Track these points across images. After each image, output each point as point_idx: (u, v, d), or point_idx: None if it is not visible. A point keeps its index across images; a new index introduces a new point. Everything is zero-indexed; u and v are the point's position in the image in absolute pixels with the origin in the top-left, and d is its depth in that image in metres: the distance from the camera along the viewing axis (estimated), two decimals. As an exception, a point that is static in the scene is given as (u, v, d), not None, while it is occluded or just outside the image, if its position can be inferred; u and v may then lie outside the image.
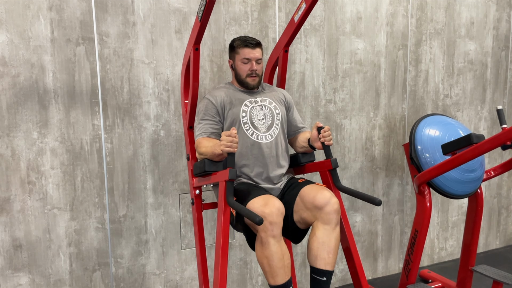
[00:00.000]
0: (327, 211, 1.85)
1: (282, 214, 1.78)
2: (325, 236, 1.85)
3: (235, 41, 2.14)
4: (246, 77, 2.11)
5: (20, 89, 2.16)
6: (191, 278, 2.64)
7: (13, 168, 2.18)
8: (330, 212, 1.85)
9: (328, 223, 1.86)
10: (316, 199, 1.87)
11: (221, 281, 1.76)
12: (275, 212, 1.75)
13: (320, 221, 1.87)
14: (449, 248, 3.52)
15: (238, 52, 2.11)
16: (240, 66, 2.11)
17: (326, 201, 1.85)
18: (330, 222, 1.86)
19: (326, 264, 1.84)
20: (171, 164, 2.51)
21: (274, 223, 1.74)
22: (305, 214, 1.92)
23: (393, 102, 3.10)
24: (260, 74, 2.14)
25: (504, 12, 3.44)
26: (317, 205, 1.86)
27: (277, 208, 1.76)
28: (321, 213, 1.86)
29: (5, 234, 2.20)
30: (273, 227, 1.74)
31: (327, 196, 1.86)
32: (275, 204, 1.77)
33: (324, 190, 1.90)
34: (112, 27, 2.30)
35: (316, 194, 1.88)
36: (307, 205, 1.90)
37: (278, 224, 1.76)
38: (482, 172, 2.51)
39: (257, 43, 2.11)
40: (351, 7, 2.87)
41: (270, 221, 1.73)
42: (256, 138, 2.06)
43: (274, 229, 1.75)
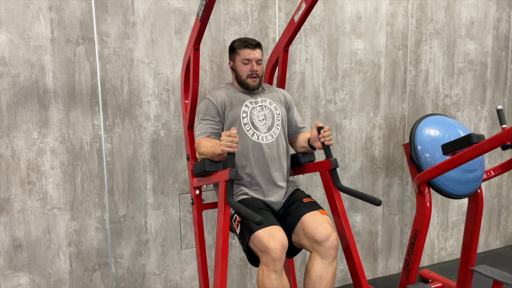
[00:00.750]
0: (326, 246, 1.88)
1: (285, 250, 1.82)
2: (323, 270, 1.89)
3: (235, 43, 2.14)
4: (247, 78, 2.11)
5: (20, 89, 2.16)
6: (191, 278, 2.64)
7: (13, 168, 2.18)
8: (329, 248, 1.89)
9: (326, 258, 1.90)
10: (317, 233, 1.89)
11: (221, 281, 1.76)
12: (279, 249, 1.78)
13: (318, 254, 1.91)
14: (449, 248, 3.52)
15: (238, 53, 2.11)
16: (240, 67, 2.11)
17: (326, 237, 1.88)
18: (328, 257, 1.90)
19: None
20: (171, 164, 2.51)
21: (277, 260, 1.78)
22: (303, 242, 1.96)
23: (393, 102, 3.10)
24: (260, 75, 2.14)
25: (504, 12, 3.44)
26: (317, 240, 1.89)
27: (281, 244, 1.79)
28: (320, 247, 1.89)
29: (5, 234, 2.20)
30: (276, 264, 1.78)
31: (328, 232, 1.89)
32: (280, 240, 1.79)
33: (326, 223, 1.92)
34: (112, 27, 2.30)
35: (317, 228, 1.90)
36: (307, 235, 1.93)
37: (281, 261, 1.79)
38: (482, 172, 2.51)
39: (257, 44, 2.12)
40: (351, 7, 2.87)
41: (273, 257, 1.77)
42: (256, 139, 2.06)
43: (277, 265, 1.78)
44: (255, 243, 1.83)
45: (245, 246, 1.90)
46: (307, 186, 2.89)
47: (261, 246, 1.79)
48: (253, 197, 2.04)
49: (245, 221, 1.90)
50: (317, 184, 2.92)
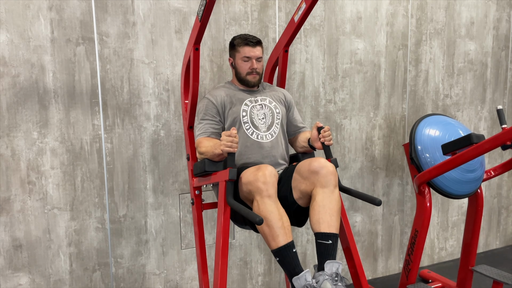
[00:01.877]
0: (323, 173, 1.82)
1: (275, 176, 1.78)
2: (325, 199, 1.81)
3: (235, 39, 2.14)
4: (247, 75, 2.11)
5: (20, 89, 2.16)
6: (191, 278, 2.64)
7: (13, 168, 2.18)
8: (327, 174, 1.82)
9: (326, 186, 1.82)
10: (312, 165, 1.84)
11: (221, 281, 1.76)
12: (267, 174, 1.75)
13: (318, 185, 1.83)
14: (449, 248, 3.52)
15: (239, 50, 2.11)
16: (240, 64, 2.11)
17: (322, 165, 1.83)
18: (328, 184, 1.82)
19: (330, 226, 1.78)
20: (171, 164, 2.51)
21: (267, 183, 1.73)
22: (303, 186, 1.88)
23: (393, 102, 3.10)
24: (260, 72, 2.14)
25: (504, 12, 3.44)
26: (313, 170, 1.83)
27: (269, 170, 1.76)
28: (318, 176, 1.83)
29: (5, 234, 2.20)
30: (267, 187, 1.73)
31: (322, 161, 1.85)
32: (267, 167, 1.77)
33: (319, 157, 1.89)
34: (112, 27, 2.30)
35: (311, 162, 1.86)
36: (303, 174, 1.87)
37: (272, 184, 1.75)
38: (482, 172, 2.51)
39: (257, 41, 2.12)
40: (351, 7, 2.87)
41: (263, 181, 1.73)
42: (256, 138, 2.06)
43: (269, 189, 1.74)
44: (244, 180, 1.80)
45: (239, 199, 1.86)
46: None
47: (250, 177, 1.76)
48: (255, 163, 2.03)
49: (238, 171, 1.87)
50: (317, 184, 2.91)
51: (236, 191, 1.91)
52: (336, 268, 1.70)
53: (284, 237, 1.71)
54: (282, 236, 1.71)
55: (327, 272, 1.69)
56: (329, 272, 1.69)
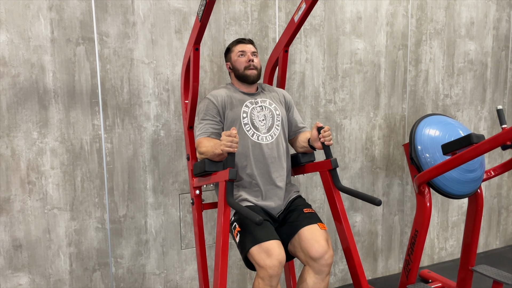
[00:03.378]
0: (320, 263, 1.91)
1: (282, 266, 1.84)
2: (315, 284, 1.92)
3: (229, 44, 2.22)
4: (245, 70, 2.12)
5: (20, 89, 2.16)
6: (191, 278, 2.64)
7: (13, 168, 2.18)
8: (323, 265, 1.91)
9: (320, 274, 1.92)
10: (313, 250, 1.91)
11: (221, 281, 1.76)
12: (276, 266, 1.80)
13: (312, 269, 1.93)
14: (449, 248, 3.52)
15: (233, 50, 2.17)
16: (236, 60, 2.15)
17: (321, 255, 1.90)
18: (322, 273, 1.92)
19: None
20: (171, 164, 2.51)
21: (274, 276, 1.80)
22: (299, 255, 1.98)
23: (393, 102, 3.10)
24: (258, 67, 2.15)
25: (504, 12, 3.44)
26: (312, 257, 1.91)
27: (279, 261, 1.81)
28: (315, 264, 1.91)
29: (5, 234, 2.20)
30: (272, 280, 1.81)
31: (324, 249, 1.90)
32: (278, 256, 1.81)
33: (322, 240, 1.93)
34: (112, 27, 2.30)
35: (313, 245, 1.91)
36: (303, 250, 1.95)
37: (277, 277, 1.82)
38: (482, 172, 2.51)
39: (249, 40, 2.20)
40: (351, 7, 2.87)
41: (270, 274, 1.79)
42: (256, 139, 2.06)
43: (273, 281, 1.81)
44: (253, 257, 1.85)
45: (244, 256, 1.91)
46: (307, 186, 2.89)
47: (259, 262, 1.82)
48: (253, 203, 2.04)
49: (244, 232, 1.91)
50: (317, 184, 2.92)
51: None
52: None
53: None
54: None
55: None
56: None
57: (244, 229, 1.91)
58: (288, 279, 2.44)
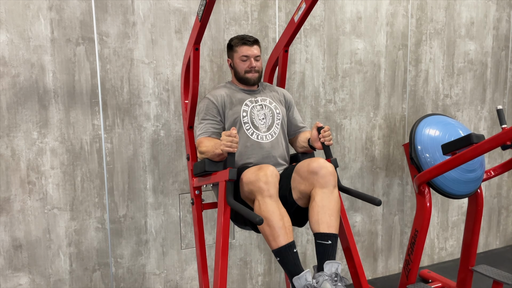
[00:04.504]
0: (322, 174, 1.82)
1: (276, 176, 1.79)
2: (325, 199, 1.80)
3: (232, 40, 2.15)
4: (245, 73, 2.12)
5: (20, 89, 2.16)
6: (191, 278, 2.64)
7: (13, 168, 2.18)
8: (326, 175, 1.82)
9: (326, 186, 1.82)
10: (311, 165, 1.84)
11: (221, 281, 1.76)
12: (269, 173, 1.75)
13: (317, 186, 1.83)
14: (449, 248, 3.52)
15: (236, 50, 2.11)
16: (239, 64, 2.12)
17: (321, 165, 1.83)
18: (328, 184, 1.82)
19: (330, 227, 1.77)
20: (171, 164, 2.51)
21: (269, 183, 1.74)
22: (302, 186, 1.88)
23: (393, 102, 3.10)
24: (259, 70, 2.14)
25: (504, 12, 3.44)
26: (312, 170, 1.83)
27: (270, 170, 1.77)
28: (317, 177, 1.82)
29: (5, 234, 2.20)
30: (269, 187, 1.74)
31: (321, 161, 1.85)
32: (268, 167, 1.78)
33: (318, 158, 1.88)
34: (112, 27, 2.30)
35: (310, 162, 1.86)
36: (303, 175, 1.87)
37: (273, 184, 1.75)
38: (482, 172, 2.51)
39: (254, 40, 2.12)
40: (351, 7, 2.87)
41: (264, 181, 1.74)
42: (256, 138, 2.06)
43: (270, 189, 1.74)
44: (245, 180, 1.79)
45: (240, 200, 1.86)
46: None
47: (251, 177, 1.76)
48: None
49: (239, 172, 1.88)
50: (317, 184, 2.91)
51: (237, 191, 1.91)
52: (336, 268, 1.70)
53: (285, 237, 1.71)
54: (283, 236, 1.71)
55: (327, 272, 1.69)
56: (328, 273, 1.69)
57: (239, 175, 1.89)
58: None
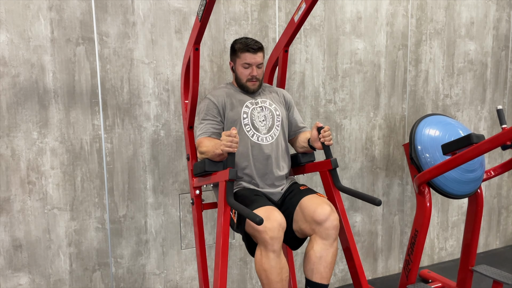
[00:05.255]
0: (326, 226, 1.85)
1: (283, 229, 1.79)
2: (323, 250, 1.86)
3: (236, 44, 2.11)
4: (247, 82, 2.11)
5: (20, 89, 2.16)
6: (191, 278, 2.64)
7: (13, 168, 2.18)
8: (329, 228, 1.85)
9: (327, 239, 1.87)
10: (316, 213, 1.86)
11: (221, 281, 1.76)
12: (276, 227, 1.75)
13: (318, 235, 1.87)
14: (449, 248, 3.52)
15: (239, 56, 2.08)
16: (240, 70, 2.10)
17: (326, 216, 1.85)
18: (329, 237, 1.87)
19: (322, 278, 1.85)
20: (171, 164, 2.51)
21: (275, 238, 1.75)
22: (303, 226, 1.93)
23: (393, 102, 3.10)
24: (260, 78, 2.13)
25: (504, 12, 3.44)
26: (316, 220, 1.86)
27: (278, 223, 1.76)
28: (320, 228, 1.86)
29: (5, 234, 2.20)
30: (274, 242, 1.75)
31: (327, 212, 1.86)
32: (277, 218, 1.77)
33: (325, 204, 1.89)
34: (112, 27, 2.30)
35: (316, 208, 1.87)
36: (306, 217, 1.90)
37: (278, 239, 1.76)
38: (482, 172, 2.51)
39: (259, 48, 2.08)
40: (351, 7, 2.87)
41: (271, 236, 1.74)
42: (256, 140, 2.06)
43: (275, 244, 1.76)
44: (251, 225, 1.80)
45: (243, 231, 1.87)
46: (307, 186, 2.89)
47: (258, 227, 1.76)
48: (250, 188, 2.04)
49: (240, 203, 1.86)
50: (317, 184, 2.92)
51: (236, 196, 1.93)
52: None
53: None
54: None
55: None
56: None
57: None
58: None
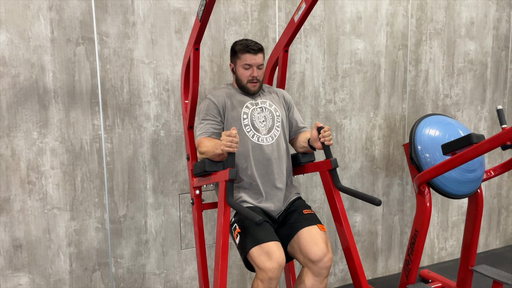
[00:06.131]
0: (319, 266, 1.90)
1: (282, 268, 1.84)
2: (314, 286, 1.92)
3: (236, 45, 2.11)
4: (247, 83, 2.11)
5: (20, 89, 2.16)
6: (191, 278, 2.64)
7: (13, 168, 2.18)
8: (322, 268, 1.91)
9: (318, 276, 1.92)
10: (312, 253, 1.90)
11: (221, 281, 1.76)
12: (276, 268, 1.80)
13: (310, 271, 1.93)
14: (449, 248, 3.52)
15: (240, 57, 2.08)
16: (241, 71, 2.10)
17: (320, 258, 1.90)
18: (321, 275, 1.92)
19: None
20: (171, 164, 2.51)
21: (273, 279, 1.80)
22: (298, 256, 1.98)
23: (393, 102, 3.10)
24: (260, 80, 2.13)
25: (504, 12, 3.44)
26: (311, 259, 1.91)
27: (279, 264, 1.81)
28: (314, 266, 1.91)
29: (5, 234, 2.20)
30: (271, 282, 1.81)
31: (323, 252, 1.90)
32: (278, 259, 1.81)
33: (322, 243, 1.93)
34: (112, 27, 2.30)
35: (312, 247, 1.91)
36: (302, 252, 1.95)
37: (276, 280, 1.82)
38: (482, 172, 2.51)
39: (259, 49, 2.08)
40: (351, 7, 2.87)
41: (270, 276, 1.79)
42: (257, 140, 2.06)
43: (272, 284, 1.81)
44: (253, 259, 1.85)
45: (243, 257, 1.92)
46: (307, 186, 2.89)
47: (259, 264, 1.82)
48: (253, 204, 2.04)
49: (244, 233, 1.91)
50: (317, 184, 2.92)
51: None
52: None
53: None
54: None
55: None
56: None
57: (244, 230, 1.91)
58: (288, 279, 2.44)
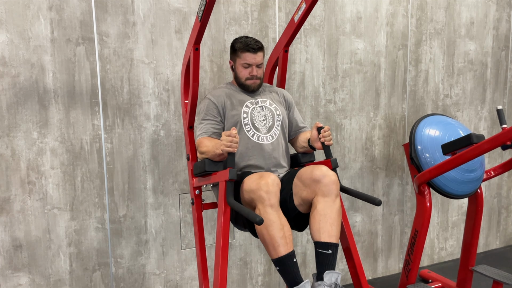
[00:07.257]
0: (325, 182, 1.81)
1: (278, 185, 1.78)
2: (326, 208, 1.80)
3: (236, 43, 2.10)
4: (246, 80, 2.11)
5: (20, 89, 2.16)
6: (191, 278, 2.64)
7: (13, 168, 2.18)
8: (329, 184, 1.81)
9: (328, 195, 1.81)
10: (314, 173, 1.84)
11: (221, 281, 1.76)
12: (270, 182, 1.75)
13: (319, 194, 1.82)
14: (449, 248, 3.52)
15: (239, 55, 2.08)
16: (240, 70, 2.10)
17: (324, 173, 1.83)
18: (330, 193, 1.82)
19: (330, 236, 1.77)
20: (171, 164, 2.51)
21: (270, 192, 1.74)
22: (304, 193, 1.88)
23: (393, 102, 3.10)
24: (260, 77, 2.13)
25: (504, 12, 3.44)
26: (315, 179, 1.83)
27: (272, 179, 1.76)
28: (320, 185, 1.82)
29: (5, 234, 2.20)
30: (270, 196, 1.73)
31: (324, 169, 1.85)
32: (270, 176, 1.78)
33: (321, 165, 1.88)
34: (112, 27, 2.30)
35: (313, 170, 1.86)
36: (305, 182, 1.87)
37: (274, 193, 1.75)
38: (482, 172, 2.51)
39: (259, 47, 2.08)
40: (351, 7, 2.87)
41: (266, 190, 1.73)
42: (257, 139, 2.06)
43: (271, 198, 1.74)
44: (246, 188, 1.80)
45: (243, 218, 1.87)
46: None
47: (252, 185, 1.76)
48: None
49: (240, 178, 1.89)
50: (317, 184, 2.92)
51: (237, 194, 1.91)
52: (336, 279, 1.71)
53: (285, 247, 1.72)
54: (283, 246, 1.71)
55: (326, 282, 1.70)
56: (328, 283, 1.69)
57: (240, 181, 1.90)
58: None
